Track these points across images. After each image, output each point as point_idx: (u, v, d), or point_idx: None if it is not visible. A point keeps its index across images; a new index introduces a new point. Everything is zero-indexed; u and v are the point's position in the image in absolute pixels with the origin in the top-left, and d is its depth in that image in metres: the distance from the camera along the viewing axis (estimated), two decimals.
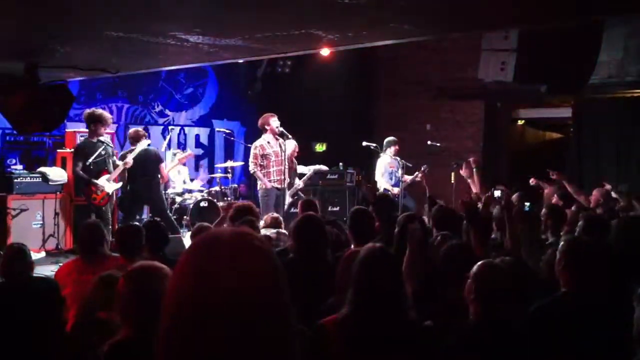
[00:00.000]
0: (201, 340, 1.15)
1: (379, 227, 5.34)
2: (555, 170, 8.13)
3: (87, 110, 8.37)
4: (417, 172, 9.66)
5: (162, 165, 8.78)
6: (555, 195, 7.60)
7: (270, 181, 8.38)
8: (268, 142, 8.47)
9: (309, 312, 3.01)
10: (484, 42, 10.51)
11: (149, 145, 8.59)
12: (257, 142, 8.54)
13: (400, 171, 9.56)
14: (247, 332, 1.17)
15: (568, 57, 9.53)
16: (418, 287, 3.48)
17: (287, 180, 8.42)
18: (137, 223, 5.62)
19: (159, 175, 8.68)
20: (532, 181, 8.58)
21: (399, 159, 9.54)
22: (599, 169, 10.54)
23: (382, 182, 9.68)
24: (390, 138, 9.79)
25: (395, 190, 9.47)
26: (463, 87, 11.68)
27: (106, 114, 8.30)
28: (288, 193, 8.60)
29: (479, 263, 3.18)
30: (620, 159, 10.46)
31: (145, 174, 8.49)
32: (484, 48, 10.52)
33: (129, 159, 8.13)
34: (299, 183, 9.07)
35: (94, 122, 7.96)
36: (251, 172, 8.61)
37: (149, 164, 8.50)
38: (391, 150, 9.68)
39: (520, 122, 13.13)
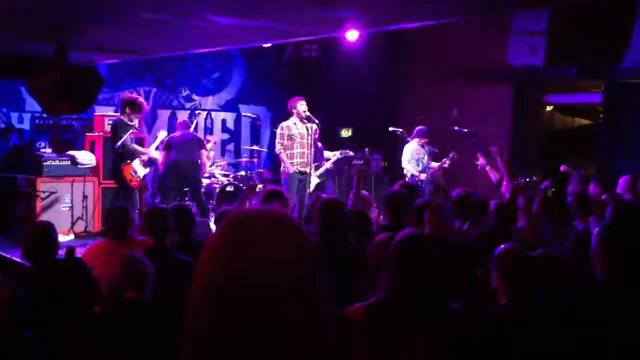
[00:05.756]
0: (230, 321, 1.14)
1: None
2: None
3: (128, 95, 8.65)
4: (444, 159, 9.59)
5: (204, 152, 9.34)
6: (593, 182, 7.43)
7: (292, 163, 8.36)
8: (294, 124, 8.51)
9: (332, 296, 2.99)
10: (513, 25, 10.31)
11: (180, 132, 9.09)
12: (284, 123, 8.60)
13: (426, 157, 9.49)
14: (278, 313, 1.15)
15: (599, 39, 9.29)
16: None
17: (312, 165, 8.42)
18: (165, 206, 5.63)
19: (199, 161, 9.17)
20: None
21: (426, 147, 9.50)
22: (630, 155, 10.33)
23: (409, 168, 9.61)
24: (422, 128, 9.69)
25: (423, 176, 9.43)
26: (491, 71, 11.51)
27: (145, 104, 8.50)
28: (315, 173, 8.64)
29: (502, 247, 3.19)
30: None
31: (188, 158, 8.95)
32: (513, 31, 10.32)
33: (150, 150, 8.47)
34: (327, 164, 9.06)
35: (130, 108, 8.08)
36: (277, 152, 8.61)
37: (192, 147, 9.00)
38: (420, 140, 9.59)
39: (549, 108, 12.93)
